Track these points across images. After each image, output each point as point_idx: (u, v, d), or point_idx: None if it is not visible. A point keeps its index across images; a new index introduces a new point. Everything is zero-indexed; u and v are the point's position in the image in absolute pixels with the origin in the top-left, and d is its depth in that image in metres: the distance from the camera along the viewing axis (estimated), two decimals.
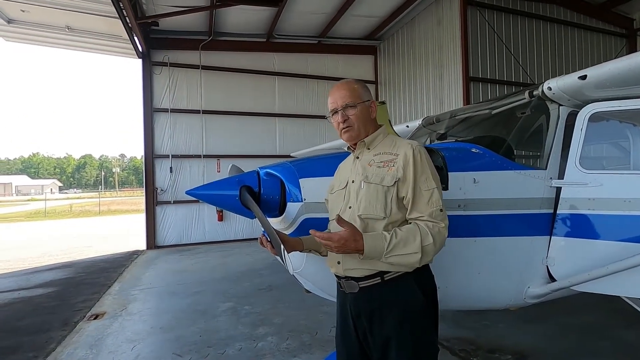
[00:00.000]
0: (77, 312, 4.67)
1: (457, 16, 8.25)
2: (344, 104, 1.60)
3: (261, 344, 3.49)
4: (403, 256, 1.41)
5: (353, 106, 1.60)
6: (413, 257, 1.41)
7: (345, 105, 1.60)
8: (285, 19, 9.37)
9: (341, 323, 1.67)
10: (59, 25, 8.34)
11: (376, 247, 1.40)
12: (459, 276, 2.24)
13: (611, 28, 10.34)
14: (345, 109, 1.60)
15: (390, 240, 1.40)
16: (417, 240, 1.40)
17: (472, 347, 3.30)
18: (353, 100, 1.60)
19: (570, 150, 2.34)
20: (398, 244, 1.40)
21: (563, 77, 2.34)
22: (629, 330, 3.43)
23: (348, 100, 1.60)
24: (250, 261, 7.40)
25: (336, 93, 1.64)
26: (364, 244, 1.39)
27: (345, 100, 1.61)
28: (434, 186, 1.49)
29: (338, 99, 1.62)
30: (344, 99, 1.61)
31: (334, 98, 1.64)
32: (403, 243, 1.40)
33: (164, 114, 9.61)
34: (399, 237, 1.41)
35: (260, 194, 2.02)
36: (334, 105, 1.63)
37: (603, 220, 2.21)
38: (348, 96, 1.61)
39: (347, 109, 1.60)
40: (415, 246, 1.40)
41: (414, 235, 1.41)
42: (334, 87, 1.67)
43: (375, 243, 1.40)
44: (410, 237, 1.41)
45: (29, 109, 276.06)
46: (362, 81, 1.77)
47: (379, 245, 1.40)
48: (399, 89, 10.60)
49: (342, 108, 1.61)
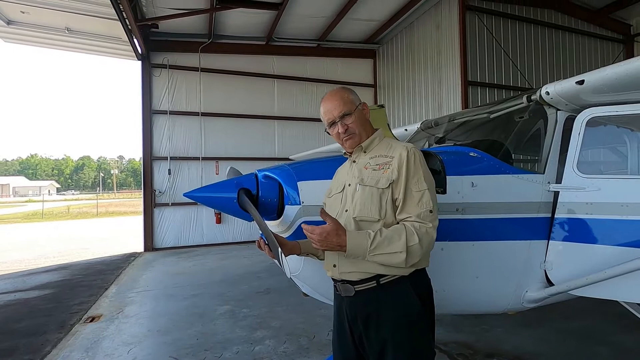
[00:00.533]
0: (73, 314, 4.64)
1: (455, 21, 8.29)
2: (341, 114, 1.61)
3: (258, 348, 3.47)
4: (387, 255, 1.40)
5: (349, 114, 1.61)
6: (398, 256, 1.39)
7: (343, 115, 1.61)
8: (285, 22, 9.40)
9: (338, 326, 1.67)
10: (59, 27, 8.34)
11: (360, 245, 1.39)
12: (457, 280, 2.24)
13: (609, 34, 10.41)
14: (342, 118, 1.61)
15: (374, 238, 1.40)
16: (402, 239, 1.39)
17: (470, 352, 3.29)
18: (349, 109, 1.61)
19: (568, 155, 2.35)
20: (382, 243, 1.39)
21: (561, 82, 2.35)
22: (626, 335, 3.43)
23: (344, 110, 1.61)
24: (248, 264, 7.38)
25: (329, 104, 1.64)
26: (346, 239, 1.38)
27: (340, 110, 1.61)
28: (425, 187, 1.49)
29: (333, 110, 1.62)
30: (339, 109, 1.61)
31: (328, 110, 1.64)
32: (387, 242, 1.40)
33: (162, 116, 9.61)
34: (383, 236, 1.41)
35: (258, 196, 2.02)
36: (331, 118, 1.63)
37: (600, 224, 2.22)
38: (342, 105, 1.61)
39: (344, 118, 1.61)
40: (399, 245, 1.39)
41: (399, 235, 1.41)
42: (325, 100, 1.67)
43: (359, 240, 1.40)
44: (395, 236, 1.41)
45: (27, 110, 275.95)
46: (360, 85, 1.78)
47: (363, 242, 1.39)
48: (398, 93, 10.63)
49: (340, 118, 1.61)
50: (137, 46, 8.78)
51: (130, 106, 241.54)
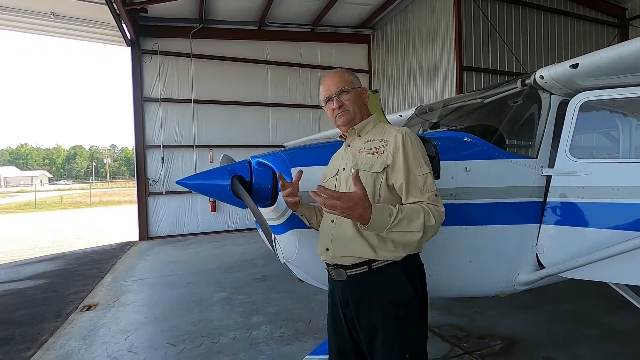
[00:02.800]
0: (69, 303, 4.65)
1: (451, 5, 8.19)
2: (338, 90, 1.63)
3: (255, 333, 3.52)
4: (405, 233, 1.37)
5: (347, 91, 1.63)
6: (414, 235, 1.37)
7: (340, 92, 1.63)
8: (278, 6, 9.21)
9: (332, 311, 1.69)
10: (44, 12, 8.09)
11: (383, 219, 1.33)
12: (450, 264, 2.26)
13: (604, 17, 10.36)
14: (339, 94, 1.63)
15: (397, 214, 1.35)
16: (420, 219, 1.37)
17: (462, 334, 3.36)
18: (347, 86, 1.64)
19: (561, 139, 2.35)
20: (402, 220, 1.36)
21: (555, 66, 2.33)
22: (615, 316, 3.52)
23: (341, 86, 1.63)
24: (244, 251, 7.41)
25: (329, 81, 1.67)
26: (372, 212, 1.31)
27: (338, 87, 1.63)
28: (427, 171, 1.49)
29: (331, 86, 1.65)
30: (337, 85, 1.64)
31: (327, 86, 1.67)
32: (407, 220, 1.36)
33: (154, 104, 9.46)
34: (404, 214, 1.37)
35: (252, 183, 2.01)
36: (328, 93, 1.66)
37: (591, 208, 2.24)
38: (341, 82, 1.64)
39: (341, 94, 1.63)
40: (418, 224, 1.37)
41: (417, 214, 1.38)
42: (326, 77, 1.70)
43: (383, 214, 1.34)
44: (414, 215, 1.38)
45: (16, 98, 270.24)
46: (354, 70, 1.78)
47: (386, 217, 1.34)
48: (393, 78, 10.55)
49: (337, 94, 1.63)
50: (126, 32, 8.56)
51: (121, 94, 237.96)
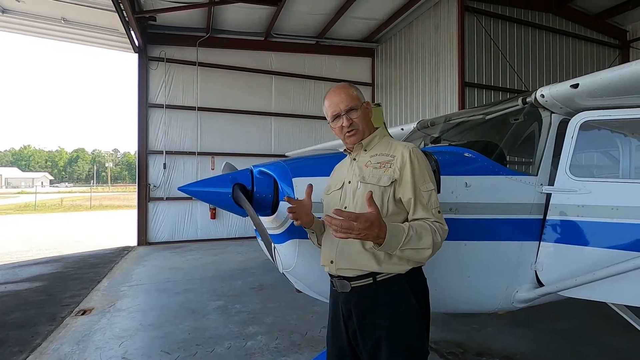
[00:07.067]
0: (64, 307, 4.62)
1: (454, 22, 8.31)
2: (347, 108, 1.60)
3: (250, 343, 3.48)
4: (417, 250, 1.39)
5: (356, 109, 1.61)
6: (425, 252, 1.40)
7: (349, 109, 1.60)
8: (284, 18, 9.36)
9: (333, 322, 1.67)
10: (55, 17, 8.24)
11: (397, 238, 1.34)
12: (448, 279, 2.25)
13: (605, 39, 10.49)
14: (348, 112, 1.61)
15: (409, 232, 1.37)
16: (429, 236, 1.40)
17: (460, 350, 3.32)
18: (355, 104, 1.62)
19: (561, 158, 2.37)
20: (414, 238, 1.37)
21: (556, 85, 2.37)
22: (614, 336, 3.48)
23: (350, 104, 1.61)
24: (242, 260, 7.38)
25: (336, 98, 1.63)
26: (387, 231, 1.31)
27: (347, 104, 1.61)
28: (432, 187, 1.52)
29: (339, 103, 1.62)
30: (345, 103, 1.61)
31: (334, 102, 1.63)
32: (418, 237, 1.38)
33: (158, 110, 9.54)
34: (414, 231, 1.39)
35: (253, 192, 2.02)
36: (337, 110, 1.62)
37: (591, 227, 2.24)
38: (349, 100, 1.62)
39: (350, 112, 1.61)
40: (427, 242, 1.39)
41: (426, 231, 1.41)
42: (331, 93, 1.67)
43: (396, 233, 1.34)
44: (423, 232, 1.41)
45: (21, 100, 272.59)
46: (357, 83, 1.79)
47: (399, 236, 1.35)
48: (395, 92, 10.64)
49: (346, 112, 1.61)
50: (134, 38, 8.69)
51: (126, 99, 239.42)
